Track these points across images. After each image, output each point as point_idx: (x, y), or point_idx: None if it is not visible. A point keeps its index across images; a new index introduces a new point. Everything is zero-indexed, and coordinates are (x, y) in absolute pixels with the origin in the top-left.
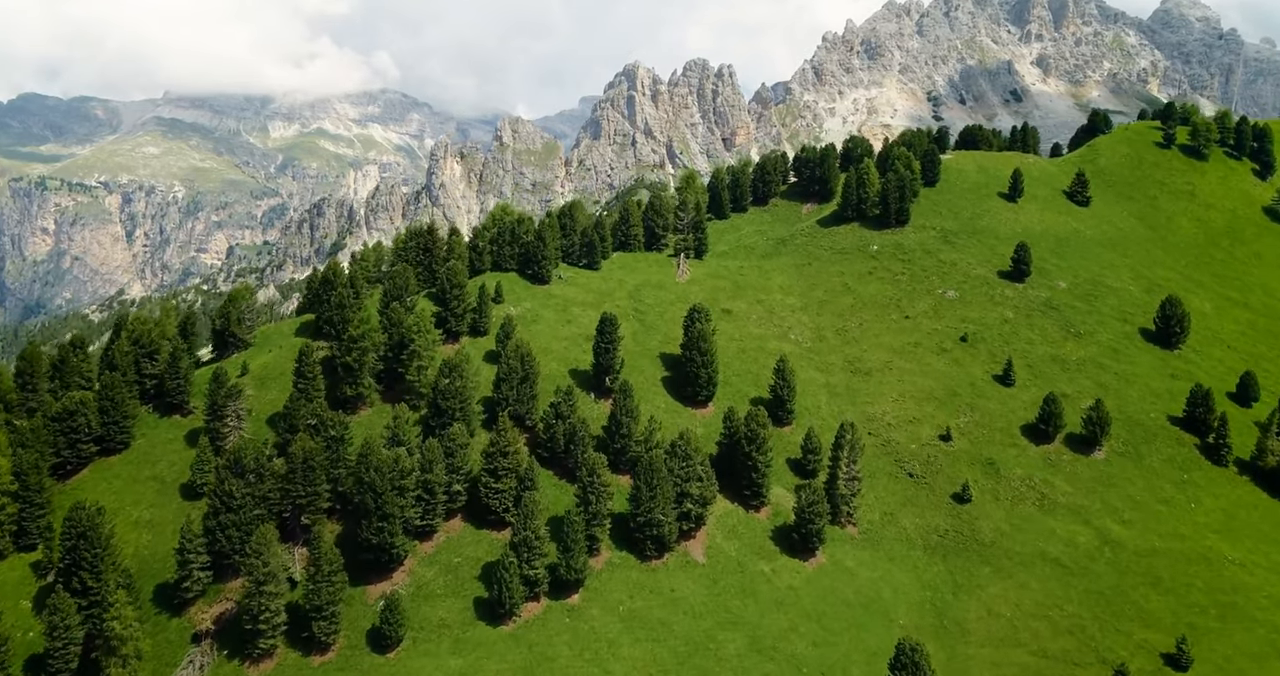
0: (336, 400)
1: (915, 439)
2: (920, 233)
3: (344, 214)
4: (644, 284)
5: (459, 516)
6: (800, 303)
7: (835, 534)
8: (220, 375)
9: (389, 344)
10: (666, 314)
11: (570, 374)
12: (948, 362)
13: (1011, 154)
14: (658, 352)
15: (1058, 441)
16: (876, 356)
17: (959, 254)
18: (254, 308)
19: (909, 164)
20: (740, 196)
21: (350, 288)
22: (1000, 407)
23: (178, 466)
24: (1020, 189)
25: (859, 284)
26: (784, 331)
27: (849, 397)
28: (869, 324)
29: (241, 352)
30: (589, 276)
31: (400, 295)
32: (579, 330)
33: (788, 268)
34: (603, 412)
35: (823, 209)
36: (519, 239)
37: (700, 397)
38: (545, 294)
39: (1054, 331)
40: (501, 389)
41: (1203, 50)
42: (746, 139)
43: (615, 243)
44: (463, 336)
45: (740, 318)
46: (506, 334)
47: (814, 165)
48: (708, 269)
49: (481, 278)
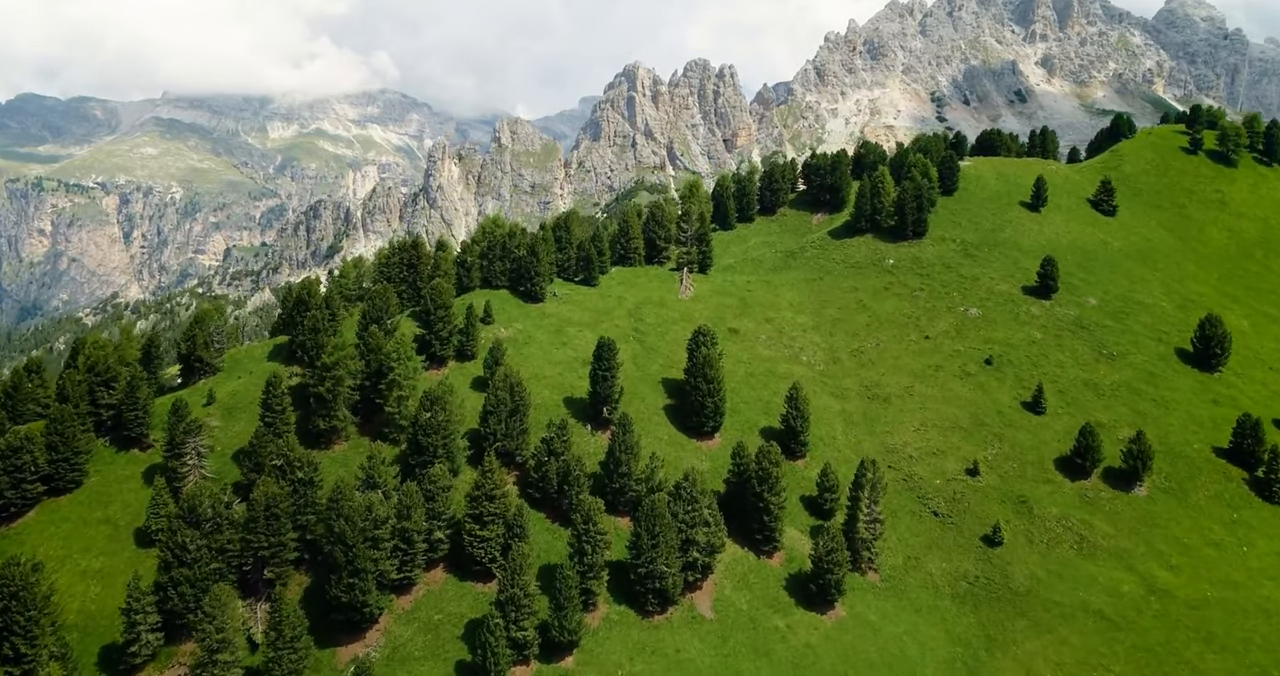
0: (309, 433)
1: (940, 473)
2: (939, 245)
3: (340, 216)
4: (645, 301)
5: (441, 566)
6: (812, 321)
7: (855, 581)
8: (180, 407)
9: (366, 372)
10: (669, 334)
11: (565, 403)
12: (972, 388)
13: (1032, 160)
14: (659, 378)
15: (1095, 477)
16: (895, 381)
17: (981, 268)
18: (223, 329)
19: (926, 171)
20: (747, 206)
21: (326, 309)
22: (1031, 438)
23: (133, 508)
24: (1044, 198)
25: (874, 301)
26: (795, 353)
27: (867, 426)
28: (886, 345)
29: (209, 379)
30: (586, 293)
31: (380, 317)
32: (574, 353)
33: (798, 283)
34: (600, 446)
35: (834, 219)
36: (510, 253)
37: (706, 428)
38: (538, 313)
39: (1085, 353)
40: (489, 422)
41: (1208, 50)
42: (748, 140)
43: (614, 256)
44: (448, 361)
45: (748, 338)
46: (495, 359)
47: (825, 173)
48: (713, 284)
49: (470, 296)
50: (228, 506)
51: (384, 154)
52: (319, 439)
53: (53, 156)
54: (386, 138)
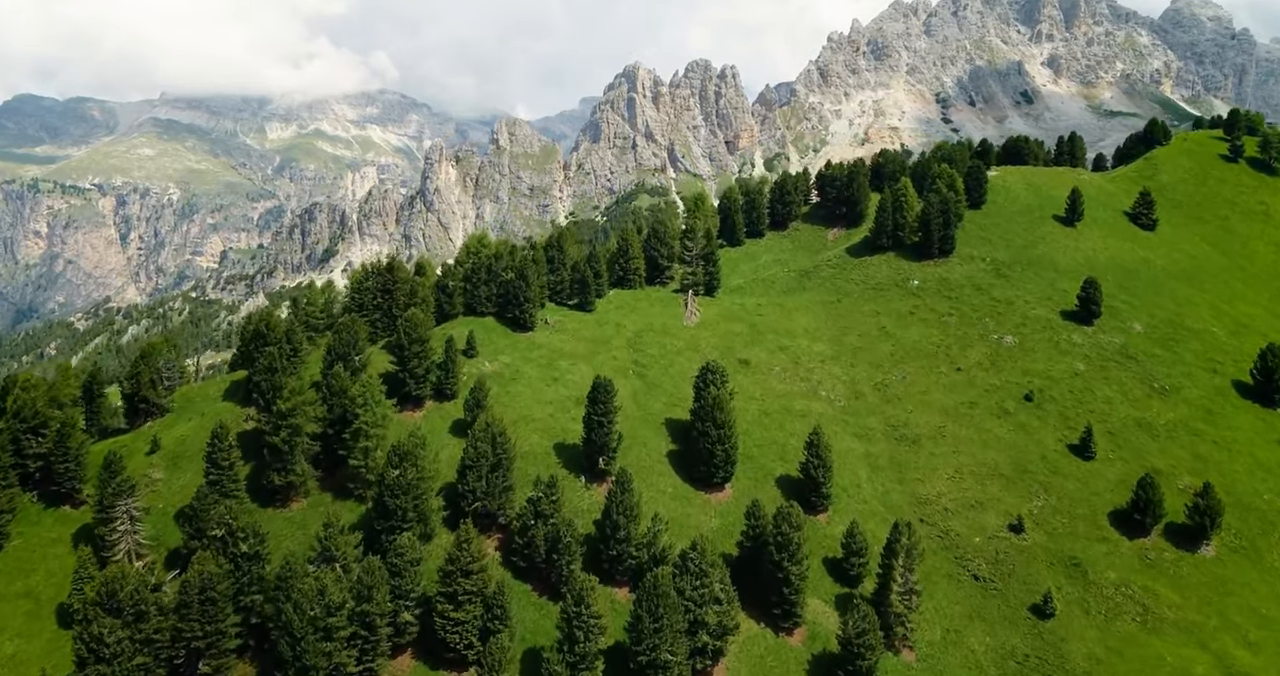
0: (262, 489)
1: (979, 529)
2: (967, 264)
3: (336, 219)
4: (646, 329)
5: (409, 652)
6: (831, 350)
7: (889, 662)
8: (113, 462)
9: (329, 418)
10: (673, 367)
11: (555, 450)
12: (1012, 428)
13: (1062, 169)
14: (663, 418)
15: (1155, 534)
16: (925, 419)
17: (1014, 290)
18: (174, 364)
19: (952, 183)
20: (756, 220)
21: (287, 343)
22: (1081, 488)
23: (58, 578)
24: (1079, 211)
25: (899, 327)
26: (813, 387)
27: (895, 473)
28: (914, 377)
29: (155, 421)
30: (581, 320)
31: (347, 353)
32: (567, 391)
33: (814, 306)
34: (595, 502)
35: (851, 235)
36: (497, 277)
37: (716, 479)
38: (528, 343)
39: (1135, 387)
40: (467, 478)
41: (1215, 50)
42: (750, 142)
43: (612, 277)
44: (425, 402)
45: (760, 370)
46: (477, 400)
47: (840, 184)
48: (721, 308)
49: (451, 325)
50: (155, 589)
51: (383, 155)
52: (274, 495)
53: (50, 157)
54: (386, 138)
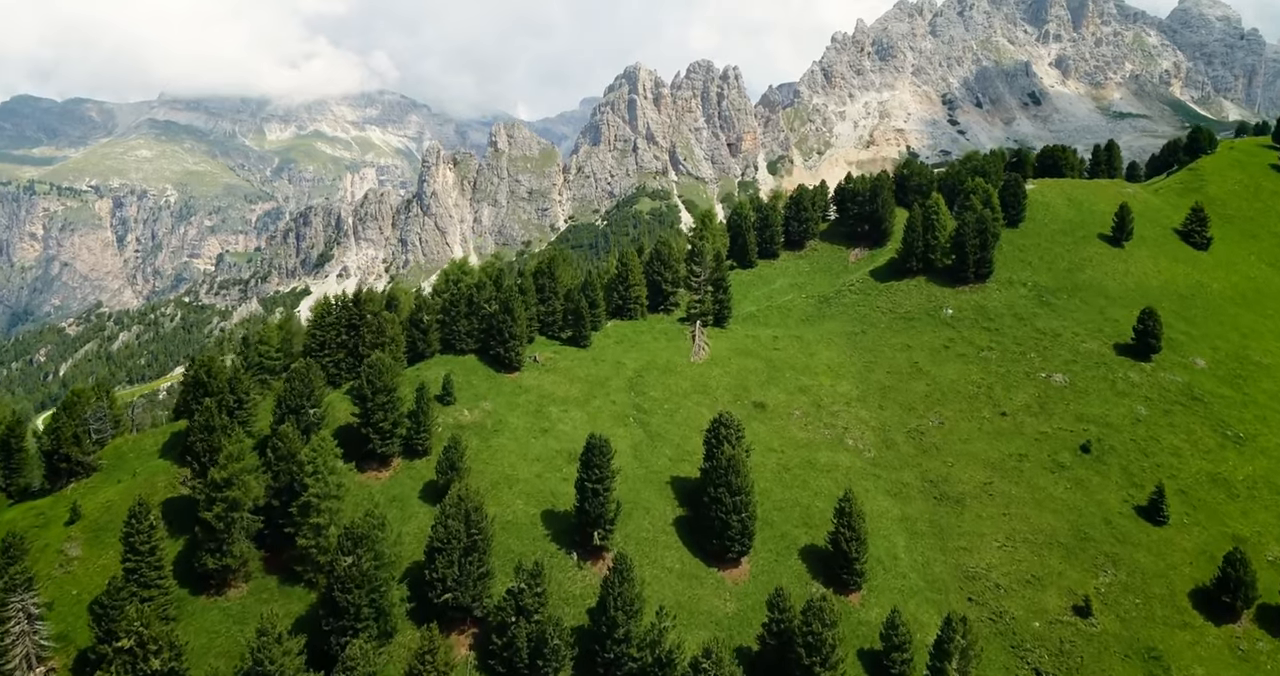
0: (194, 574)
1: (1039, 611)
2: (1007, 290)
3: (332, 223)
4: (648, 367)
5: None
6: (857, 390)
7: None
8: (11, 545)
9: (276, 487)
10: (679, 413)
11: (543, 519)
12: (1069, 486)
13: (1104, 182)
14: (667, 477)
15: (1246, 619)
16: (968, 474)
17: (1061, 320)
18: (105, 413)
19: (988, 199)
20: (770, 239)
21: (230, 393)
22: (1154, 561)
23: None
24: (1128, 229)
25: (933, 363)
26: (838, 434)
27: (936, 540)
28: (953, 423)
29: (79, 483)
30: (575, 357)
31: (299, 406)
32: (558, 444)
33: (836, 338)
34: (589, 585)
35: (875, 256)
36: (478, 309)
37: (731, 553)
38: (513, 387)
39: (1205, 435)
40: (436, 563)
41: (1224, 51)
42: (753, 144)
43: (610, 306)
44: (393, 459)
45: (778, 414)
46: (451, 462)
47: (863, 199)
48: (732, 341)
49: (426, 366)
50: None
51: (383, 156)
52: (208, 580)
53: (48, 159)
54: (386, 140)
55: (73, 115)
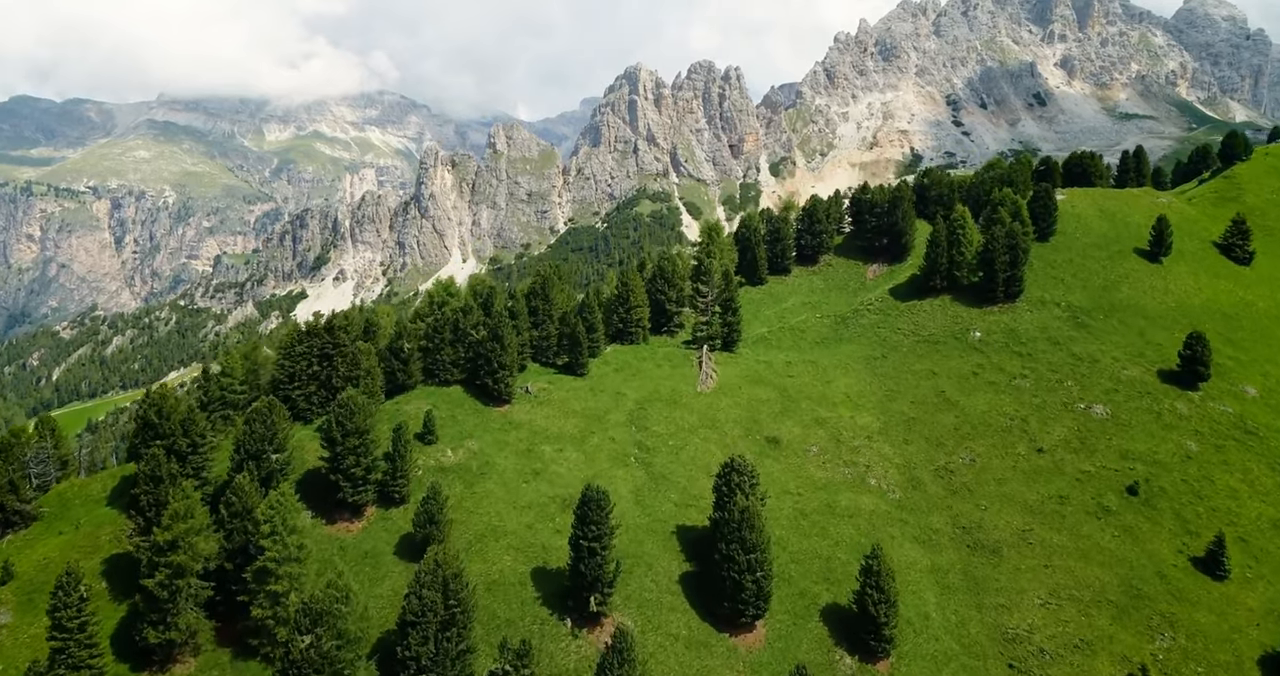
0: (135, 649)
1: None
2: (1039, 311)
3: (328, 226)
4: (651, 398)
5: None
6: (879, 423)
7: None
8: None
9: (230, 547)
10: (685, 451)
11: (533, 578)
12: (1116, 533)
13: (1136, 191)
14: (672, 527)
15: None
16: (1004, 519)
17: (1098, 344)
18: (47, 456)
19: (1017, 211)
20: (781, 253)
21: (183, 435)
22: (1216, 622)
23: None
24: (1166, 243)
25: (961, 392)
26: (860, 474)
27: (971, 595)
28: (985, 460)
29: (15, 535)
30: (571, 387)
31: (260, 451)
32: (551, 489)
33: (855, 363)
34: (585, 657)
35: (895, 272)
36: (464, 336)
37: (745, 617)
38: (503, 422)
39: (1263, 474)
40: (409, 638)
41: (1230, 51)
42: (755, 146)
43: (610, 330)
44: (367, 508)
45: (794, 451)
46: (430, 515)
47: (881, 211)
48: (742, 367)
49: (406, 399)
50: None
51: (382, 157)
52: (151, 655)
53: (46, 159)
54: (385, 140)
55: (71, 116)
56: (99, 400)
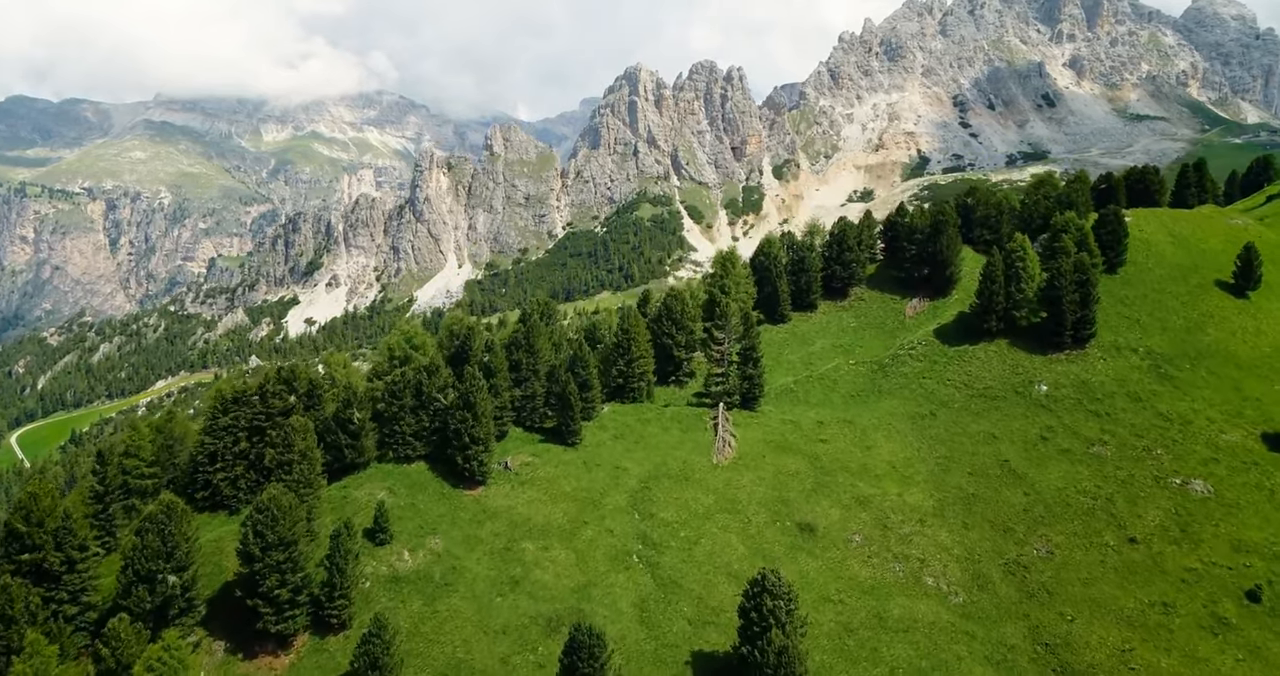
0: None
1: None
2: (1114, 359)
3: (321, 230)
4: (658, 473)
5: None
6: (933, 502)
7: None
8: None
9: None
10: (701, 545)
11: None
12: (1241, 655)
13: (1205, 211)
14: (687, 653)
15: None
16: (1096, 634)
17: (1188, 401)
18: None
19: (1083, 239)
20: (806, 287)
21: (55, 549)
22: None
23: None
24: (1255, 276)
25: (1029, 462)
26: (914, 570)
27: None
28: (1065, 553)
29: None
30: (560, 460)
31: (152, 573)
32: (533, 606)
33: (899, 422)
34: None
35: (938, 309)
36: (429, 402)
37: None
38: (475, 510)
39: None
40: None
41: (1240, 51)
42: (758, 148)
43: (608, 385)
44: (297, 637)
45: (832, 541)
46: (373, 658)
47: (921, 238)
48: (766, 430)
49: (356, 481)
50: None
51: (381, 157)
52: None
53: (42, 160)
54: (384, 141)
55: (68, 116)
56: (85, 410)
